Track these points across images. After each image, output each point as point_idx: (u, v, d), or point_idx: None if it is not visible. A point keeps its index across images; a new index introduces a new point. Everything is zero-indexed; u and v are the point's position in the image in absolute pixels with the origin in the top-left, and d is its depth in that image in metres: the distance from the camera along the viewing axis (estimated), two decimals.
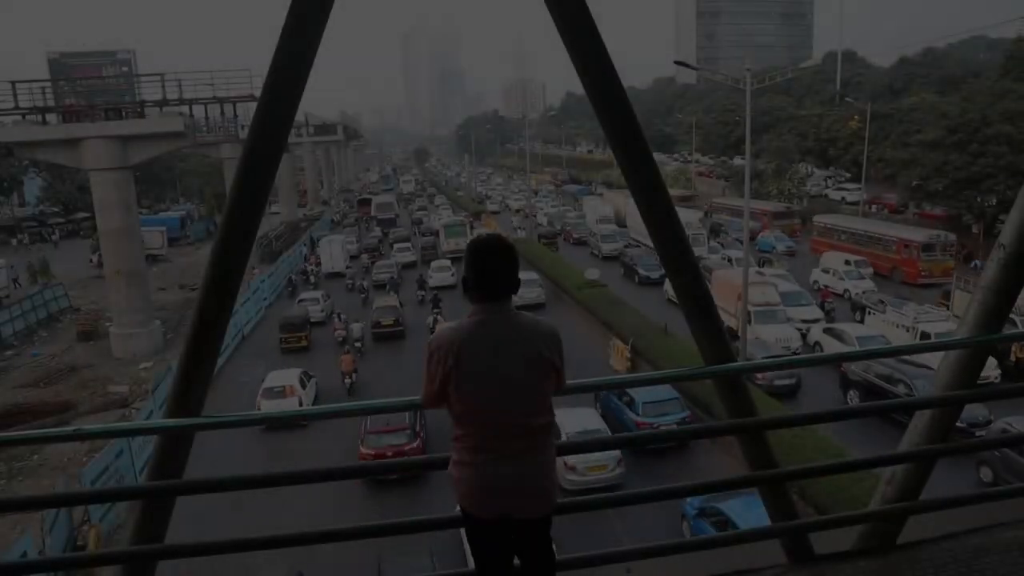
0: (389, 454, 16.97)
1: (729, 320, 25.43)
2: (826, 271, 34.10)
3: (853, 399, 19.52)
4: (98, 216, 30.78)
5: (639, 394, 18.97)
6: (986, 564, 3.43)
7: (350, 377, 23.79)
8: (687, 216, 42.53)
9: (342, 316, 30.57)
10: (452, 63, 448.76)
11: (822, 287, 32.63)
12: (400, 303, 31.94)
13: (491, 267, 2.64)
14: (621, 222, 53.72)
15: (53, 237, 60.72)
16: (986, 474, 15.39)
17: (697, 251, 36.93)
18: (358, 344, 26.81)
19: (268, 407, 20.45)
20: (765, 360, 22.45)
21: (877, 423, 16.66)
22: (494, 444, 2.60)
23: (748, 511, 13.57)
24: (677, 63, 30.71)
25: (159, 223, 55.93)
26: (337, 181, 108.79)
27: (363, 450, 17.76)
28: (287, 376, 22.69)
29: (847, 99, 62.01)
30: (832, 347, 23.84)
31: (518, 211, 66.90)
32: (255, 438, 19.51)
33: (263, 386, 22.11)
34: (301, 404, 20.85)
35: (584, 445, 3.33)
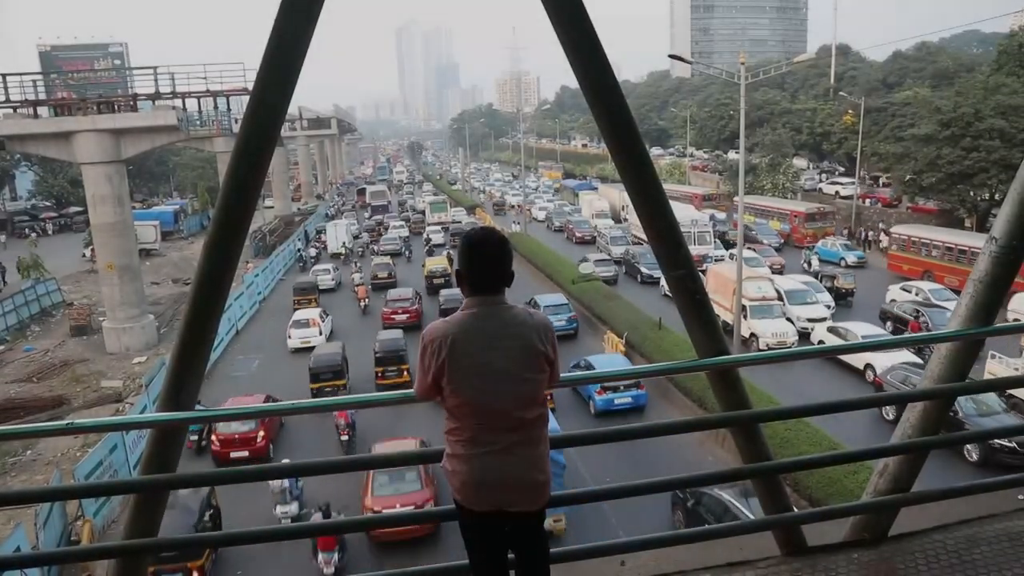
0: (400, 311, 29.17)
1: (725, 315, 25.37)
2: (907, 289, 28.48)
3: (889, 413, 18.04)
4: (91, 210, 30.60)
5: (542, 299, 28.28)
6: (977, 555, 3.46)
7: (364, 301, 33.11)
8: (693, 213, 41.81)
9: (357, 263, 41.34)
10: (446, 57, 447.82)
11: (908, 315, 25.55)
12: (393, 262, 40.63)
13: (484, 260, 2.64)
14: (617, 216, 53.68)
15: (32, 235, 58.19)
16: None
17: (703, 249, 36.72)
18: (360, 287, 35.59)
19: (297, 334, 27.86)
20: (759, 353, 22.63)
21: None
22: (488, 437, 2.60)
23: (607, 363, 21.06)
24: (671, 57, 30.52)
25: (152, 217, 55.63)
26: (331, 175, 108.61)
27: (385, 310, 29.54)
28: (310, 313, 29.59)
29: (841, 93, 62.05)
30: None
31: (513, 207, 66.64)
32: (287, 361, 26.81)
33: (292, 319, 28.94)
34: (321, 333, 27.88)
35: (577, 439, 3.34)
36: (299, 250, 49.30)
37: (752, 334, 25.16)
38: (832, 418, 15.88)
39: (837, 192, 54.08)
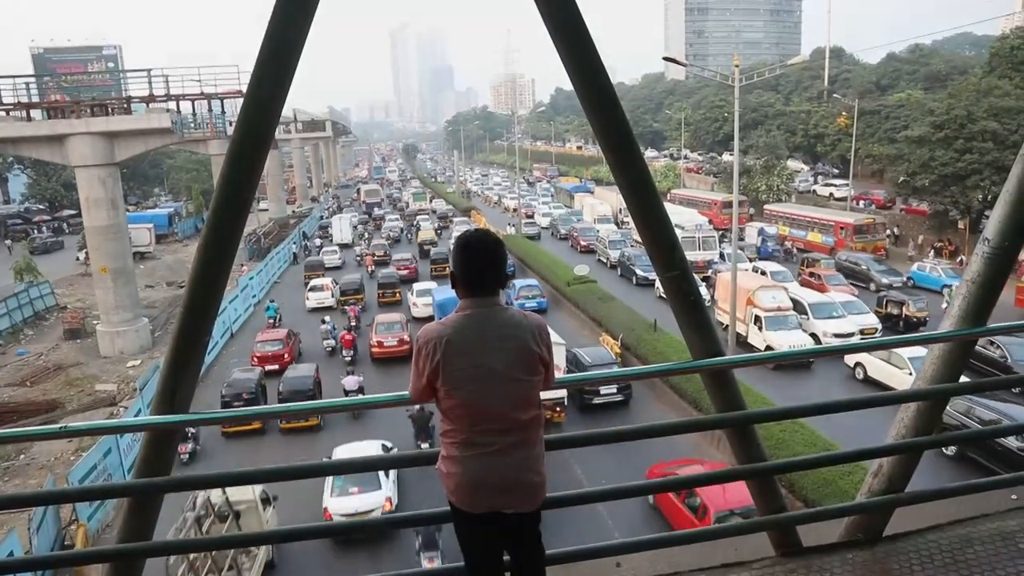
0: (402, 267, 40.46)
1: (738, 327, 24.68)
2: None
3: (948, 449, 16.84)
4: (85, 213, 30.50)
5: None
6: (970, 554, 3.47)
7: (371, 268, 42.86)
8: (697, 218, 41.14)
9: (363, 241, 52.36)
10: (441, 59, 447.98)
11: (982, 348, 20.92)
12: (388, 243, 50.86)
13: (478, 262, 2.64)
14: (617, 220, 53.42)
15: (6, 242, 56.03)
16: None
17: (708, 255, 36.19)
18: (359, 260, 46.23)
19: (313, 297, 34.99)
20: (752, 355, 22.48)
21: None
22: (482, 439, 2.59)
23: (521, 285, 31.74)
24: (666, 59, 30.57)
25: (147, 220, 55.49)
26: (326, 177, 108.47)
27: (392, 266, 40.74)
28: (324, 280, 36.96)
29: (835, 95, 62.32)
30: (880, 370, 21.22)
31: (510, 210, 66.64)
32: (306, 316, 33.30)
33: (309, 285, 36.57)
34: (333, 296, 34.68)
35: (574, 440, 3.35)
36: (295, 253, 50.33)
37: (767, 347, 23.71)
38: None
39: (831, 194, 54.22)
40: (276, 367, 24.76)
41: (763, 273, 31.10)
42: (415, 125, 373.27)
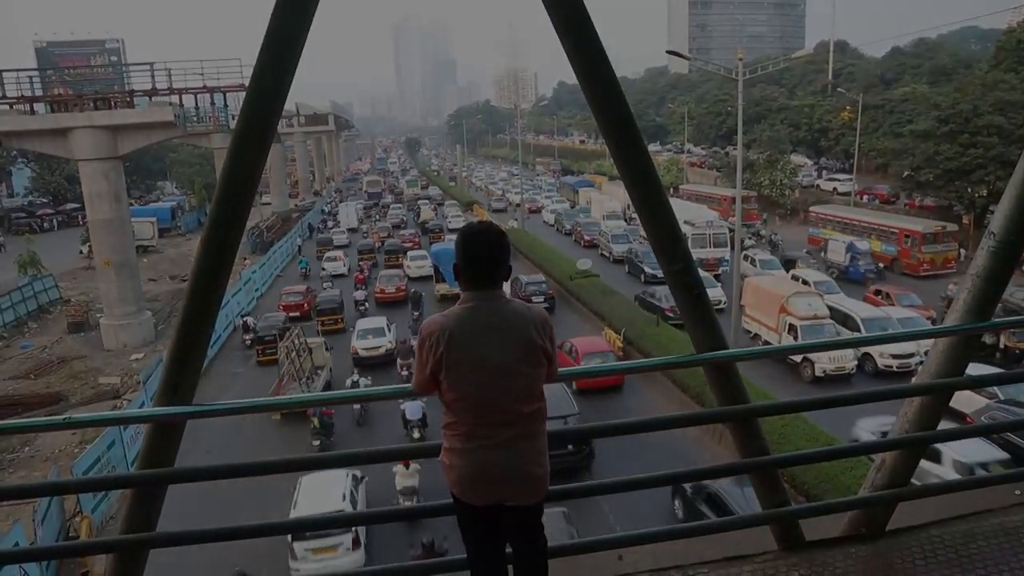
0: (407, 239, 48.05)
1: (770, 336, 23.74)
2: None
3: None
4: (88, 207, 30.49)
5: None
6: (973, 550, 3.47)
7: (378, 243, 46.95)
8: (707, 214, 40.39)
9: (369, 221, 62.23)
10: (443, 53, 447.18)
11: None
12: (391, 227, 56.19)
13: (481, 254, 2.63)
14: (625, 216, 52.97)
15: None
16: None
17: (719, 252, 35.14)
18: (365, 236, 52.17)
19: (329, 267, 41.27)
20: (757, 347, 22.12)
21: None
22: (485, 431, 2.59)
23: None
24: (669, 53, 30.51)
25: (149, 213, 55.51)
26: (328, 171, 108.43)
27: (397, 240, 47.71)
28: (337, 253, 44.34)
29: (839, 89, 62.13)
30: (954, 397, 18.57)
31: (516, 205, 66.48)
32: (318, 283, 37.95)
33: (325, 256, 43.71)
34: (345, 265, 41.85)
35: (572, 433, 3.28)
36: (300, 246, 50.77)
37: (804, 357, 21.95)
38: None
39: (835, 189, 54.04)
40: (297, 314, 30.82)
41: (805, 283, 28.07)
42: (417, 119, 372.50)
